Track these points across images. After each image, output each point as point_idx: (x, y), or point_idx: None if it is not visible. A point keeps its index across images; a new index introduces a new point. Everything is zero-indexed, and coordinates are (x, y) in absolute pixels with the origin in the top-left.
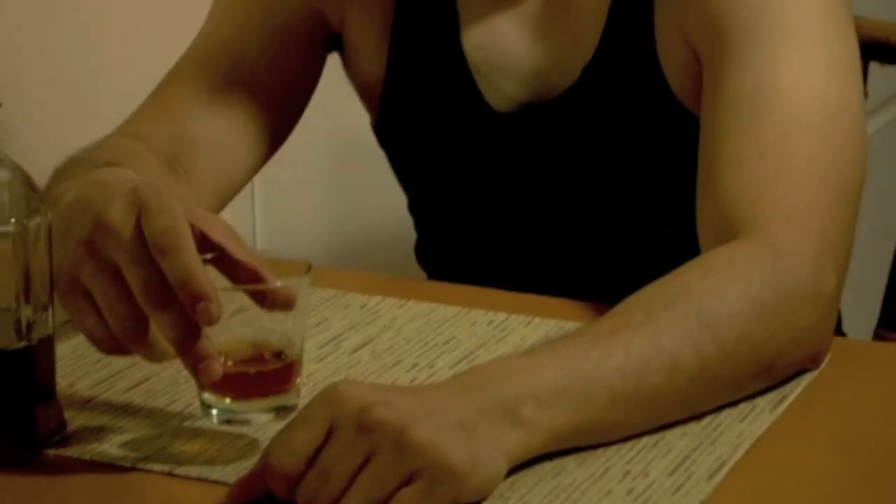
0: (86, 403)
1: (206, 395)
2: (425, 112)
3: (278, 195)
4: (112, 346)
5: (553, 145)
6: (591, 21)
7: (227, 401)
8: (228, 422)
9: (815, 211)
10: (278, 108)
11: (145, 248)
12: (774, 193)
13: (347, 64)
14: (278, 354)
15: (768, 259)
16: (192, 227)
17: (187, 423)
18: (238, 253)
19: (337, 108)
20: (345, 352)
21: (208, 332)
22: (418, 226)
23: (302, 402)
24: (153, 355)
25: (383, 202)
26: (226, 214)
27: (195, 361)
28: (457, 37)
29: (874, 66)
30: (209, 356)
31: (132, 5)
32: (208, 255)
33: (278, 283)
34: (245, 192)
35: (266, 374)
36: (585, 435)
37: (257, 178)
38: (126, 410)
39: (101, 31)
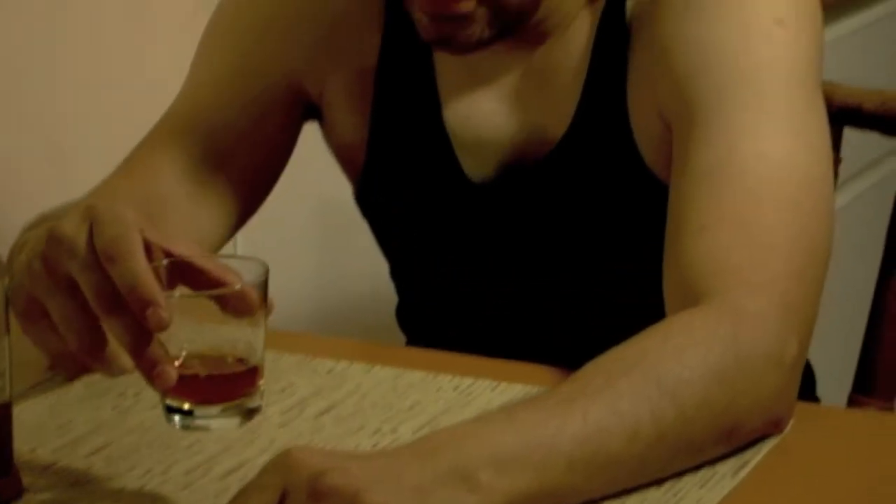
0: (46, 469)
1: (169, 401)
2: (405, 182)
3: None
4: (72, 364)
5: (528, 216)
6: (566, 95)
7: (187, 405)
8: (187, 427)
9: (779, 278)
10: (253, 174)
11: (97, 257)
12: (738, 261)
13: (327, 133)
14: (241, 360)
15: (729, 324)
16: (154, 244)
17: (148, 489)
18: (201, 260)
19: (321, 173)
20: (308, 417)
21: (167, 341)
22: (399, 291)
23: (260, 458)
24: (112, 370)
25: (366, 267)
26: None
27: (149, 367)
28: (437, 108)
29: (849, 132)
30: (162, 361)
31: (113, 69)
32: (164, 261)
33: (238, 286)
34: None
35: (228, 378)
36: (543, 501)
37: (241, 242)
38: (87, 476)
39: (81, 94)
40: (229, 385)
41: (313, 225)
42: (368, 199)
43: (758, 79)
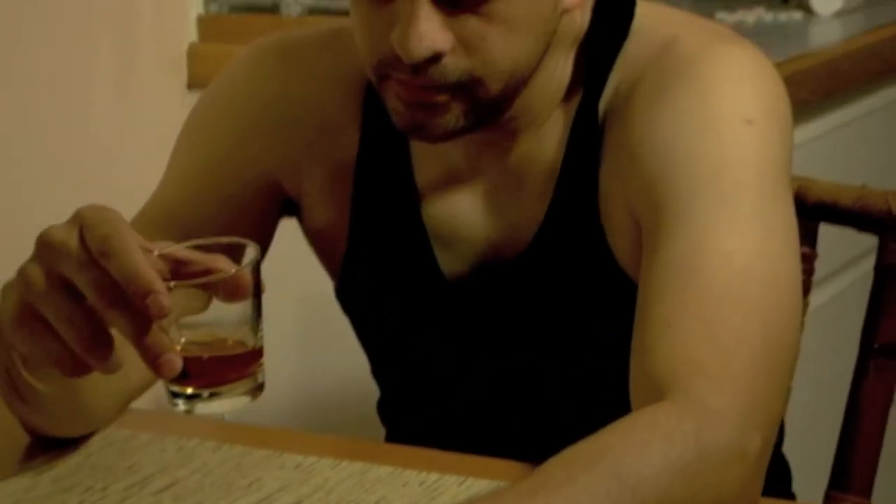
0: None
1: (175, 387)
2: (383, 277)
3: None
4: (73, 365)
5: (502, 312)
6: (540, 193)
7: (190, 390)
8: (190, 411)
9: (743, 375)
10: None
11: (91, 255)
12: (703, 356)
13: (306, 229)
14: (240, 343)
15: (692, 419)
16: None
17: None
18: (188, 252)
19: (303, 268)
20: None
21: (167, 331)
22: (380, 384)
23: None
24: (110, 367)
25: (347, 361)
26: None
27: (154, 357)
28: (416, 204)
29: (827, 229)
30: (166, 349)
31: (100, 155)
32: (154, 252)
33: (231, 271)
34: None
35: (231, 359)
36: None
37: None
38: None
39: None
40: (233, 366)
41: (295, 319)
42: (348, 294)
43: (725, 177)
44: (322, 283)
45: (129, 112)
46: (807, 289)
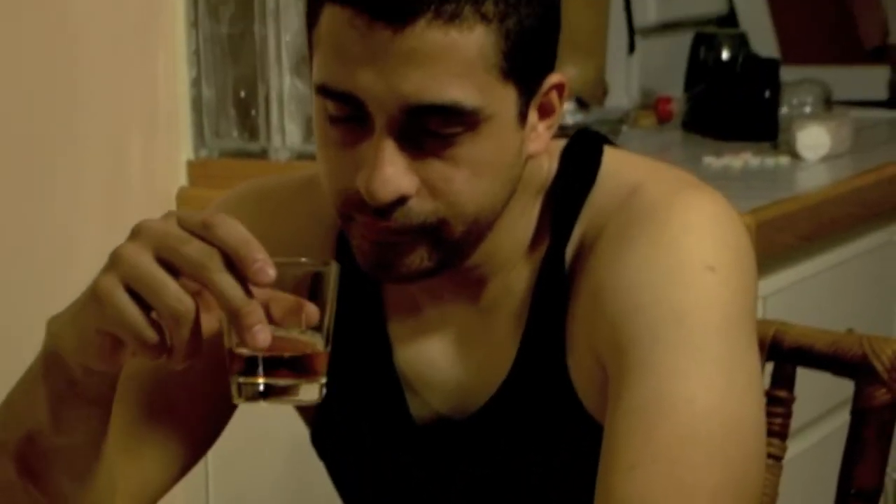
0: None
1: (243, 379)
2: (356, 424)
3: (233, 497)
4: (157, 344)
5: (471, 457)
6: (508, 340)
7: (261, 382)
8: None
9: None
10: (199, 421)
11: (192, 231)
12: (666, 498)
13: None
14: (310, 345)
15: None
16: None
17: None
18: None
19: (291, 415)
20: None
21: None
22: None
23: None
24: (190, 351)
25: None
26: None
27: (249, 326)
28: (388, 353)
29: (806, 379)
30: (261, 320)
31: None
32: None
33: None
34: (199, 494)
35: (302, 359)
36: None
37: (213, 479)
38: None
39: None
40: (305, 365)
41: (284, 464)
42: (322, 441)
43: (688, 322)
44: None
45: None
46: (785, 433)
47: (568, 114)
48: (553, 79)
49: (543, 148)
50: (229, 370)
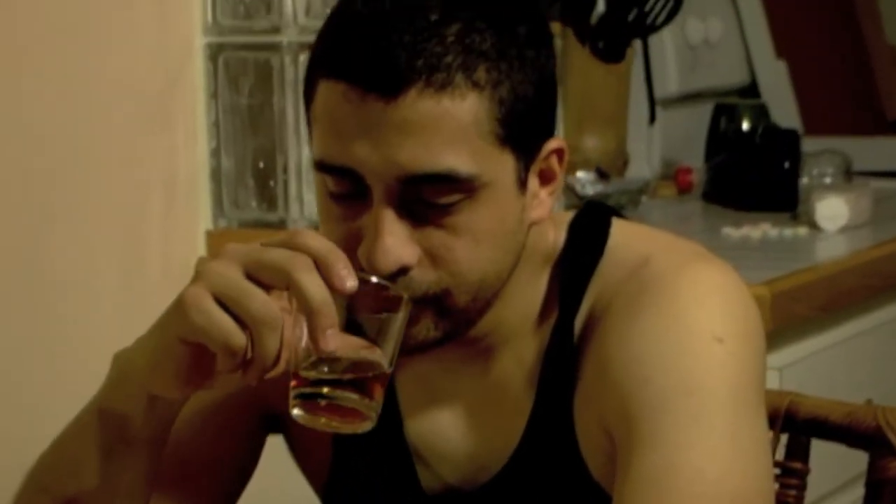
0: None
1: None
2: (367, 496)
3: None
4: (243, 349)
5: None
6: (517, 411)
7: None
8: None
9: None
10: (214, 494)
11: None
12: None
13: (292, 447)
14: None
15: None
16: None
17: None
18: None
19: (298, 482)
20: None
21: None
22: None
23: None
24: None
25: None
26: None
27: (323, 328)
28: (399, 425)
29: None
30: (336, 325)
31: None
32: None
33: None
34: None
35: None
36: None
37: None
38: None
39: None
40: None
41: None
42: None
43: (696, 394)
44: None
45: (134, 325)
46: None
47: (588, 184)
48: (552, 144)
49: (546, 214)
50: (291, 390)
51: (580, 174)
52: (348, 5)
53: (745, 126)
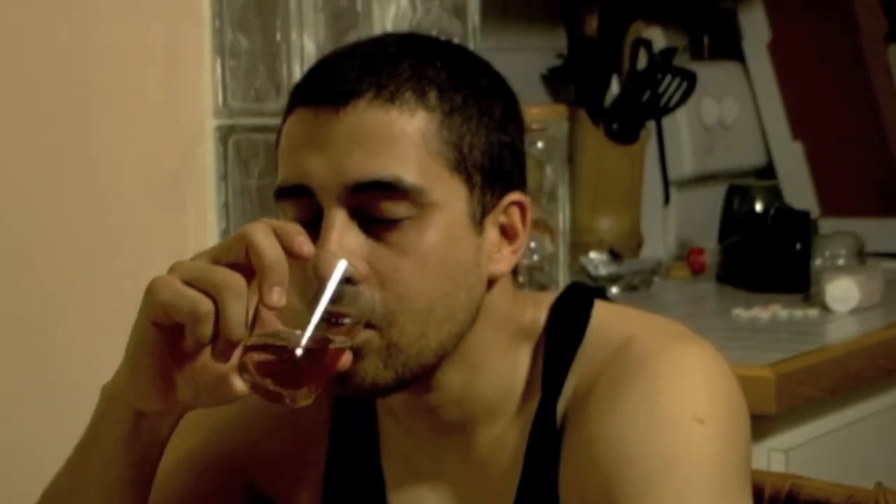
0: None
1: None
2: None
3: None
4: (211, 314)
5: None
6: (502, 492)
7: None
8: None
9: None
10: None
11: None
12: None
13: None
14: None
15: None
16: None
17: None
18: None
19: None
20: None
21: None
22: None
23: None
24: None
25: None
26: None
27: (272, 283)
28: (382, 496)
29: None
30: (284, 283)
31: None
32: None
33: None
34: None
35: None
36: None
37: None
38: None
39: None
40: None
41: None
42: None
43: (678, 475)
44: None
45: None
46: None
47: (600, 265)
48: (512, 196)
49: (506, 270)
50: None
51: (593, 255)
52: None
53: (759, 207)
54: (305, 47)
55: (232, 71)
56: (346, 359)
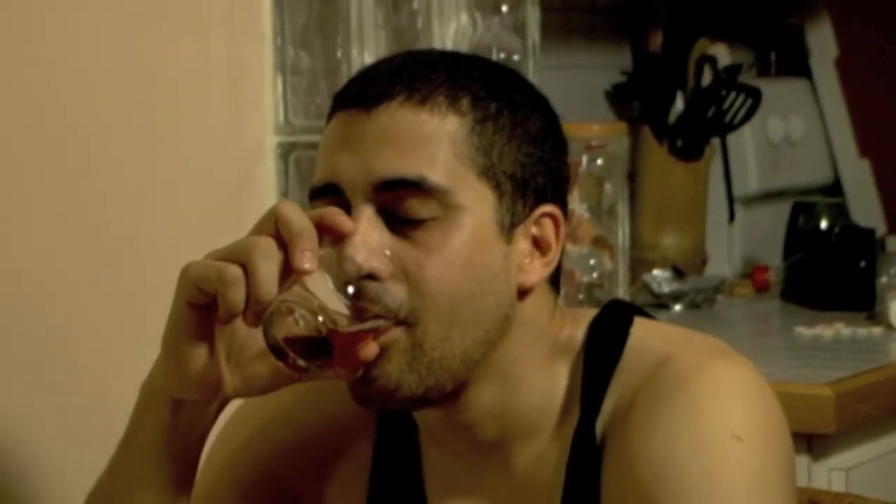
0: None
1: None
2: None
3: None
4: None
5: None
6: None
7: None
8: None
9: None
10: None
11: None
12: None
13: None
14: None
15: None
16: None
17: None
18: None
19: None
20: None
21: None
22: None
23: None
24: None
25: None
26: None
27: (303, 248)
28: None
29: None
30: (314, 249)
31: None
32: None
33: None
34: None
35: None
36: None
37: None
38: None
39: None
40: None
41: None
42: None
43: (716, 494)
44: None
45: None
46: None
47: (664, 282)
48: (544, 208)
49: (536, 282)
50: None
51: (656, 272)
52: None
53: (824, 224)
54: (366, 64)
55: (293, 88)
56: (373, 348)
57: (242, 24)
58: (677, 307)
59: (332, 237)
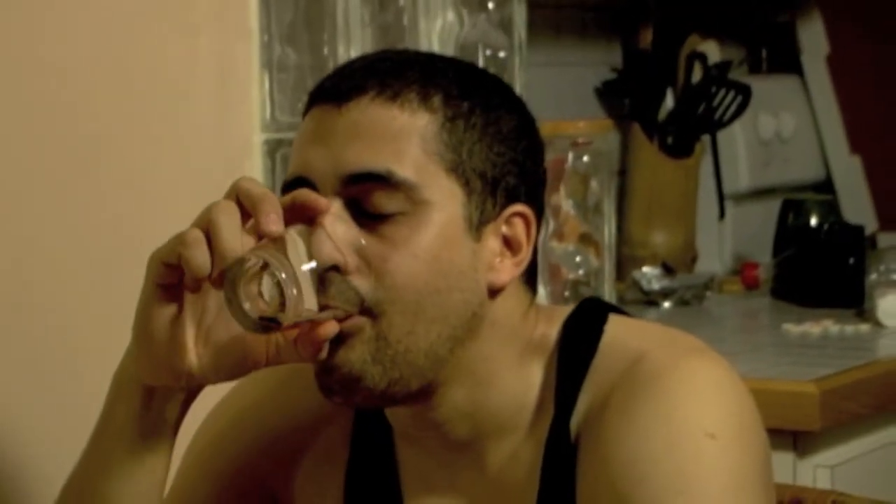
0: None
1: None
2: None
3: None
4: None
5: None
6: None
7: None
8: None
9: None
10: None
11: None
12: None
13: None
14: None
15: None
16: None
17: None
18: None
19: None
20: None
21: None
22: None
23: None
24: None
25: None
26: None
27: (268, 211)
28: None
29: None
30: (279, 212)
31: None
32: None
33: None
34: None
35: None
36: None
37: None
38: None
39: None
40: None
41: None
42: None
43: (690, 492)
44: None
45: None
46: None
47: (653, 279)
48: (515, 207)
49: (507, 281)
50: None
51: (646, 269)
52: None
53: (814, 221)
54: None
55: (280, 85)
56: (331, 326)
57: (229, 21)
58: (667, 304)
59: (306, 218)
